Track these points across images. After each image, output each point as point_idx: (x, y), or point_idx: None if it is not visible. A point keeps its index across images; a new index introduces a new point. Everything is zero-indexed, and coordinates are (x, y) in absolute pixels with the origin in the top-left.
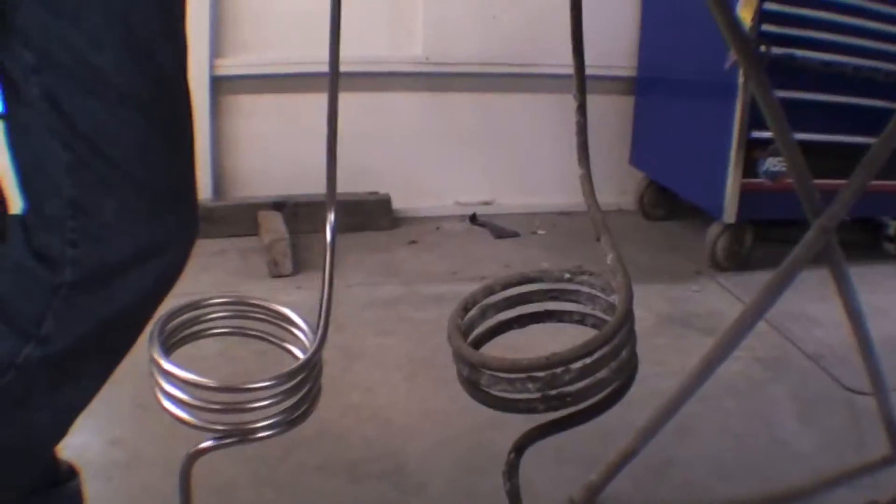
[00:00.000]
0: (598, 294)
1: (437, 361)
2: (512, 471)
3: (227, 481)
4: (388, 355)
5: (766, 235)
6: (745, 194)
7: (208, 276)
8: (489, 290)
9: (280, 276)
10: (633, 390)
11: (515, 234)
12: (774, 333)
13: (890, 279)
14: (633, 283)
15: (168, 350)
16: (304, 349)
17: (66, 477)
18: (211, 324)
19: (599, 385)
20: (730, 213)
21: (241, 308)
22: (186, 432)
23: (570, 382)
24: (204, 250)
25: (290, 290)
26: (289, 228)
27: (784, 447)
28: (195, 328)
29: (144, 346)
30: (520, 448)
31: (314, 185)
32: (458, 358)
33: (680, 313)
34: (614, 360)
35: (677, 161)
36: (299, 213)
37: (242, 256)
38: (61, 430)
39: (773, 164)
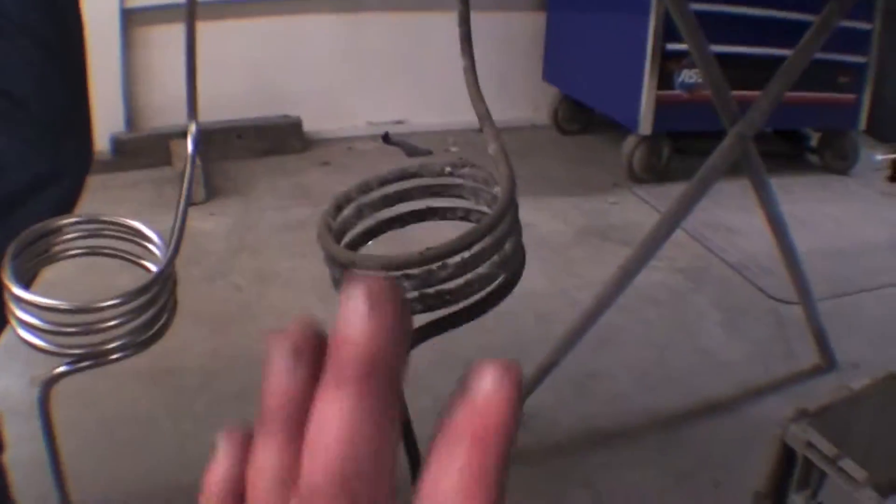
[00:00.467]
0: (482, 187)
1: None
2: None
3: (145, 414)
4: (302, 278)
5: (683, 148)
6: (661, 106)
7: (122, 208)
8: (365, 187)
9: (193, 203)
10: (548, 303)
11: (429, 152)
12: (696, 244)
13: (813, 190)
14: (549, 197)
15: (24, 277)
16: (160, 265)
17: None
18: (65, 245)
19: (481, 281)
20: (645, 126)
21: (95, 226)
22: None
23: (449, 279)
24: (117, 183)
25: (204, 217)
26: (200, 156)
27: (709, 357)
28: (49, 251)
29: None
30: None
31: (225, 112)
32: (329, 259)
33: (597, 225)
34: (497, 254)
35: (591, 75)
36: (211, 140)
37: (156, 187)
38: None
39: (688, 76)
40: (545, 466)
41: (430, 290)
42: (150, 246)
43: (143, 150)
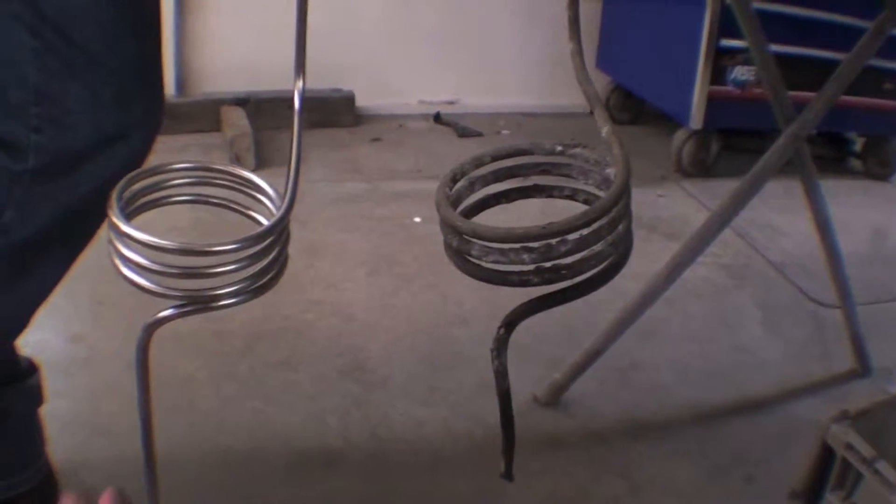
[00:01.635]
0: (592, 168)
1: (400, 258)
2: (500, 347)
3: (186, 376)
4: (351, 251)
5: (730, 144)
6: (713, 102)
7: None
8: (478, 161)
9: None
10: (598, 292)
11: (479, 134)
12: (740, 241)
13: (854, 195)
14: None
15: (128, 217)
16: (270, 218)
17: (25, 373)
18: (173, 191)
19: (596, 258)
20: (696, 120)
21: (206, 174)
22: (142, 320)
23: (566, 254)
24: (167, 146)
25: None
26: (252, 125)
27: (749, 355)
28: (156, 194)
29: (105, 242)
30: (510, 324)
31: (278, 82)
32: (447, 227)
33: (645, 217)
34: (611, 234)
35: (644, 66)
36: (262, 110)
37: (205, 152)
38: (22, 323)
39: (741, 72)
40: (583, 453)
41: (548, 264)
42: (262, 198)
43: (194, 115)
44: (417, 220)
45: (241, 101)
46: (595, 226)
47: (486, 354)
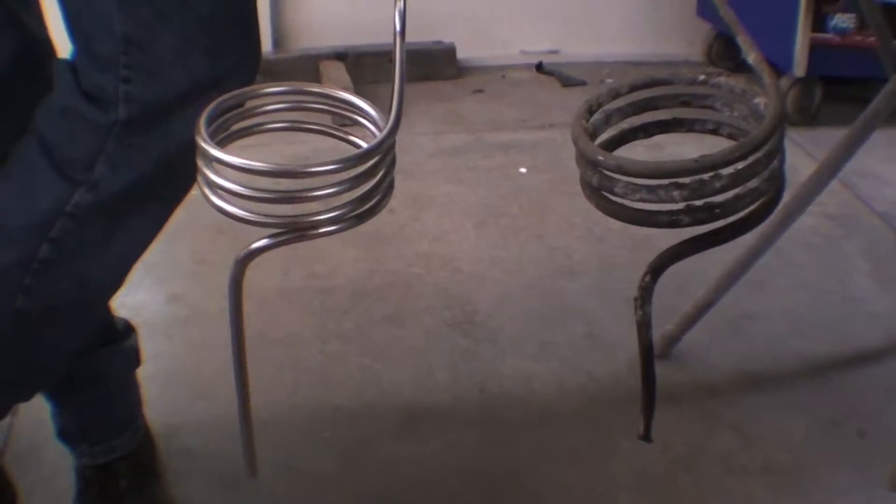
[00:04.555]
0: (738, 98)
1: (507, 209)
2: (646, 296)
3: (291, 334)
4: (457, 203)
5: (833, 93)
6: (814, 49)
7: None
8: (615, 94)
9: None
10: None
11: (583, 83)
12: (846, 191)
13: None
14: (701, 135)
15: (220, 143)
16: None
17: (122, 334)
18: (266, 117)
19: (751, 195)
20: (800, 67)
21: (301, 98)
22: (245, 278)
23: (720, 191)
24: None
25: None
26: (352, 79)
27: (859, 305)
28: (248, 122)
29: (202, 199)
30: (656, 270)
31: (377, 36)
32: (587, 163)
33: None
34: (766, 169)
35: (745, 13)
36: (362, 64)
37: (305, 110)
38: (117, 282)
39: (841, 20)
40: (696, 406)
41: (700, 203)
42: (364, 121)
43: (292, 71)
44: (523, 170)
45: (341, 56)
46: (751, 159)
47: (596, 306)
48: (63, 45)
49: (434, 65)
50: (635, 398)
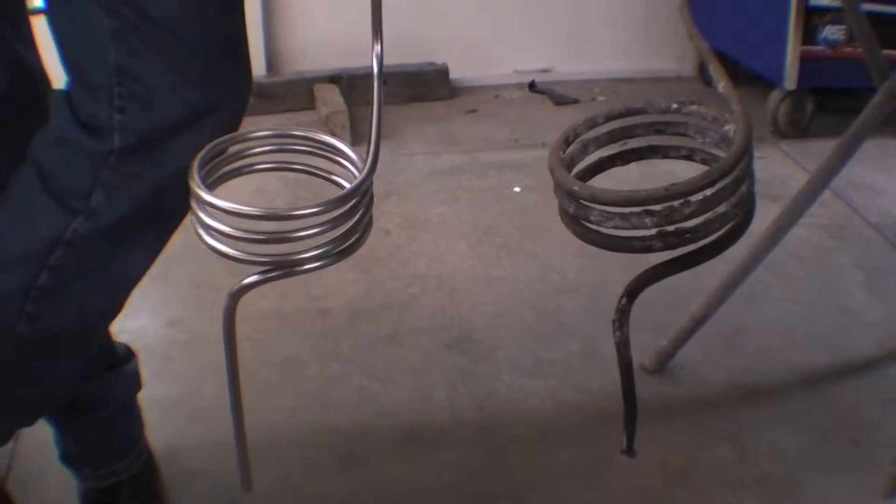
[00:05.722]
0: (710, 126)
1: (502, 229)
2: (622, 318)
3: (290, 356)
4: (452, 223)
5: (824, 104)
6: (805, 61)
7: None
8: (591, 123)
9: None
10: None
11: (576, 101)
12: (839, 202)
13: None
14: None
15: (210, 187)
16: (352, 181)
17: (123, 359)
18: (254, 159)
19: (720, 220)
20: (790, 80)
21: (286, 141)
22: (241, 302)
23: (690, 217)
24: (266, 127)
25: None
26: (346, 101)
27: (852, 316)
28: (238, 163)
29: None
30: (632, 292)
31: (371, 58)
32: (564, 192)
33: None
34: (734, 194)
35: (737, 28)
36: (356, 86)
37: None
38: (116, 307)
39: (831, 31)
40: (691, 420)
41: (671, 228)
42: (345, 162)
43: (286, 94)
44: (517, 189)
45: (335, 78)
46: (719, 185)
47: (591, 324)
48: (58, 75)
49: (427, 86)
50: None
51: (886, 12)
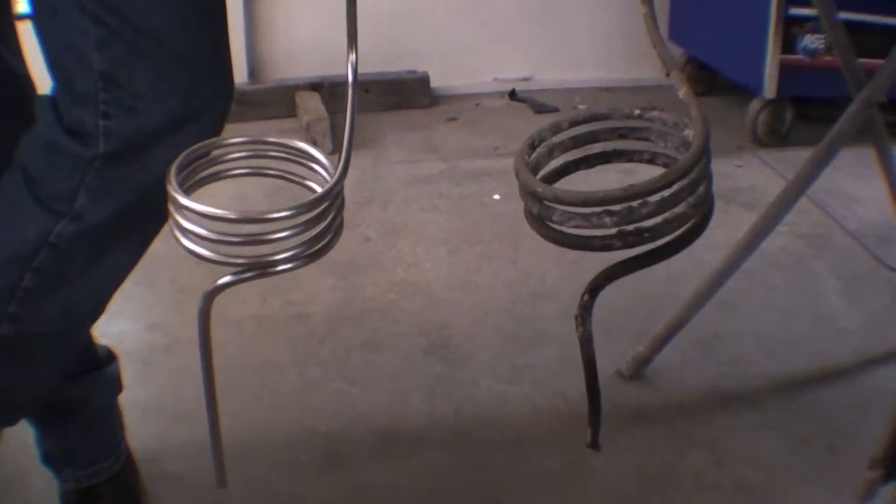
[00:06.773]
0: (671, 131)
1: (481, 236)
2: (584, 314)
3: (268, 361)
4: (432, 231)
5: (804, 113)
6: (784, 71)
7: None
8: (557, 128)
9: None
10: (678, 264)
11: (556, 110)
12: (816, 210)
13: None
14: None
15: (188, 192)
16: (325, 186)
17: (104, 362)
18: (229, 164)
19: (677, 220)
20: (770, 89)
21: (259, 147)
22: (222, 307)
23: (648, 216)
24: (241, 134)
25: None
26: (327, 109)
27: (829, 324)
28: (213, 169)
29: None
30: (593, 290)
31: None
32: (528, 194)
33: (723, 188)
34: (692, 195)
35: (716, 37)
36: (337, 94)
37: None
38: (98, 309)
39: (811, 41)
40: (668, 426)
41: (630, 228)
42: (317, 167)
43: (268, 101)
44: (497, 197)
45: (316, 86)
46: (676, 187)
47: (569, 330)
48: (43, 81)
49: (407, 94)
50: (608, 419)
51: (863, 21)
